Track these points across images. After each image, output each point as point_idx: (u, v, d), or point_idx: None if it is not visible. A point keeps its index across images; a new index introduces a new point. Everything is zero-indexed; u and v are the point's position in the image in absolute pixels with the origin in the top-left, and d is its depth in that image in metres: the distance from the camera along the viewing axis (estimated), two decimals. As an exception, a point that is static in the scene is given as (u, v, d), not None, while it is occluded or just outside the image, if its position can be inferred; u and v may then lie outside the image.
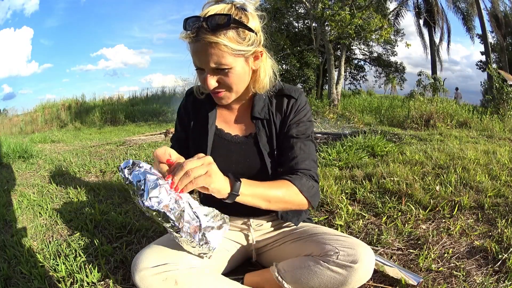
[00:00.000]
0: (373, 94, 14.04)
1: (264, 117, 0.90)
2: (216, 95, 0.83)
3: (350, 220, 1.45)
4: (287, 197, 0.80)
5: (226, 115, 0.95)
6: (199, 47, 0.74)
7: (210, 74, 0.77)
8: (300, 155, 0.86)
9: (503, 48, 11.99)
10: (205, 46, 0.73)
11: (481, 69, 13.73)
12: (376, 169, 2.07)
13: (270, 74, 0.87)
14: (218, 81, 0.79)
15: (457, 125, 4.96)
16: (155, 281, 0.74)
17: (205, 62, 0.75)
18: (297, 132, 0.88)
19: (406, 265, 1.11)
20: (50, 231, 1.48)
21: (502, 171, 1.99)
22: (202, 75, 0.79)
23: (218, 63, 0.75)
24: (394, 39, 12.86)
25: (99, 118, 9.30)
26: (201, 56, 0.75)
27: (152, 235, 1.39)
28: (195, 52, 0.76)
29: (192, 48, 0.77)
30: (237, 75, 0.78)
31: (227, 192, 0.70)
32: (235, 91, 0.82)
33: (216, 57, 0.74)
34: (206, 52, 0.74)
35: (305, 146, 0.88)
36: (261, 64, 0.84)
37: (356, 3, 8.37)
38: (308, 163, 0.86)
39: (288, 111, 0.90)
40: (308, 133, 0.90)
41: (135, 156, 3.02)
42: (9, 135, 7.05)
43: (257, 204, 0.76)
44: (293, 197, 0.80)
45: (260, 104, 0.90)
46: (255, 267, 1.02)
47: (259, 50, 0.81)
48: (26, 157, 3.30)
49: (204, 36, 0.72)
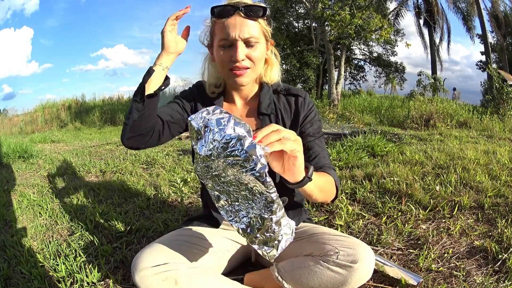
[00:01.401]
0: (373, 94, 14.01)
1: (271, 113, 0.92)
2: (239, 72, 0.84)
3: (350, 220, 1.45)
4: (329, 187, 0.82)
5: (231, 111, 0.95)
6: (235, 19, 0.81)
7: (242, 45, 0.82)
8: (321, 153, 0.90)
9: (503, 48, 11.99)
10: (242, 19, 0.81)
11: (481, 69, 13.73)
12: (376, 169, 2.07)
13: (279, 66, 0.95)
14: (246, 56, 0.83)
15: (457, 125, 4.96)
16: (155, 281, 0.74)
17: (240, 32, 0.81)
18: (313, 131, 0.93)
19: (406, 265, 1.11)
20: (50, 231, 1.48)
21: (502, 171, 1.99)
22: (228, 52, 0.83)
23: (251, 34, 0.82)
24: (394, 39, 12.85)
25: (99, 118, 9.30)
26: (236, 27, 0.81)
27: (152, 235, 1.39)
28: (230, 24, 0.81)
29: (224, 22, 0.81)
30: (261, 52, 0.86)
31: (302, 175, 0.66)
32: (256, 69, 0.87)
33: (251, 28, 0.82)
34: (242, 23, 0.81)
35: (321, 143, 0.93)
36: (271, 56, 0.92)
37: (356, 3, 8.36)
38: (327, 157, 0.91)
39: (298, 110, 0.93)
40: (320, 130, 0.95)
41: (135, 156, 3.02)
42: (9, 135, 7.06)
43: (312, 193, 0.73)
44: (331, 188, 0.83)
45: (266, 100, 0.93)
46: (255, 267, 1.02)
47: (271, 40, 0.91)
48: (26, 157, 3.30)
49: (242, 12, 0.81)
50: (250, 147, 0.54)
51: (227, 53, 0.83)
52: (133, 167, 2.64)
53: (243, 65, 0.83)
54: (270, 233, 0.61)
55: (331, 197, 0.83)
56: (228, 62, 0.83)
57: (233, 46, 0.82)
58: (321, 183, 0.76)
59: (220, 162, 0.58)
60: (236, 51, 0.81)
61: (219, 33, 0.83)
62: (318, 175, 0.76)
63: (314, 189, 0.72)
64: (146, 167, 2.66)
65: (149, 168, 2.61)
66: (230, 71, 0.84)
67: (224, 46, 0.83)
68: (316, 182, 0.72)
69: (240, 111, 0.95)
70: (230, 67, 0.84)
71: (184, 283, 0.76)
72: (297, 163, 0.63)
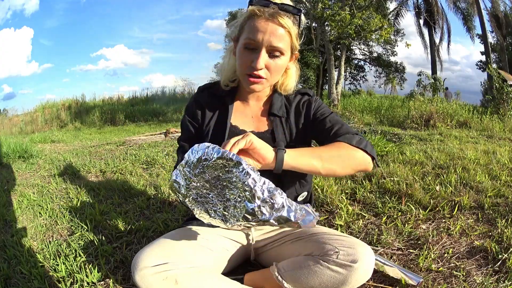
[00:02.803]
0: (373, 94, 14.02)
1: (282, 115, 0.93)
2: (254, 79, 0.84)
3: (350, 220, 1.45)
4: (342, 151, 0.79)
5: (242, 111, 0.96)
6: (269, 24, 0.79)
7: (264, 54, 0.81)
8: (335, 126, 0.89)
9: (503, 48, 11.99)
10: (276, 24, 0.79)
11: (481, 69, 13.75)
12: (376, 169, 2.07)
13: (296, 78, 0.95)
14: (265, 65, 0.83)
15: (457, 125, 4.95)
16: (155, 280, 0.74)
17: (268, 40, 0.80)
18: (322, 113, 0.93)
19: (406, 265, 1.11)
20: (50, 231, 1.48)
21: (502, 171, 1.99)
22: (250, 55, 0.82)
23: (278, 44, 0.80)
24: (394, 39, 12.87)
25: (99, 118, 9.31)
26: (266, 31, 0.79)
27: (152, 235, 1.39)
28: (262, 26, 0.79)
29: (258, 22, 0.80)
30: (281, 66, 0.85)
31: (272, 154, 0.71)
32: (271, 81, 0.87)
33: (280, 38, 0.80)
34: (274, 30, 0.79)
35: (333, 118, 0.92)
36: (292, 67, 0.93)
37: (356, 3, 8.36)
38: (345, 128, 0.88)
39: (306, 106, 0.95)
40: (330, 110, 0.95)
41: (135, 156, 3.02)
42: (9, 135, 7.05)
43: (311, 163, 0.75)
44: (347, 150, 0.80)
45: (278, 102, 0.94)
46: (255, 267, 1.02)
47: (297, 53, 0.90)
48: (26, 157, 3.30)
49: (279, 17, 0.79)
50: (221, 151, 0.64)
51: (249, 55, 0.82)
52: (133, 167, 2.64)
53: (259, 74, 0.83)
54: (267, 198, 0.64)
55: (355, 161, 0.80)
56: (248, 65, 0.83)
57: (256, 51, 0.81)
58: (314, 151, 0.77)
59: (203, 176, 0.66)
60: (257, 58, 0.81)
61: (247, 31, 0.82)
62: (308, 148, 0.78)
63: (306, 160, 0.75)
64: (146, 167, 2.66)
65: (149, 168, 2.61)
66: (246, 75, 0.84)
67: (248, 47, 0.82)
68: (303, 152, 0.75)
69: (252, 111, 0.96)
70: (248, 72, 0.84)
71: (184, 283, 0.76)
72: (257, 147, 0.69)
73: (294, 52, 0.87)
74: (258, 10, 0.80)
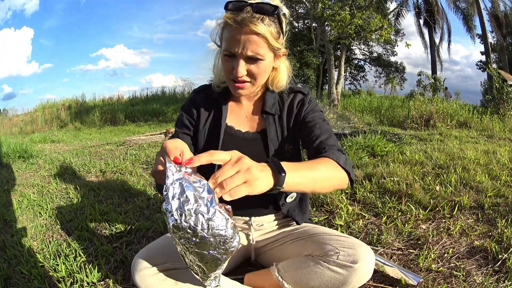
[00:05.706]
0: (373, 94, 14.02)
1: (275, 113, 0.92)
2: (238, 84, 0.83)
3: (350, 220, 1.45)
4: (329, 172, 0.73)
5: (236, 112, 0.96)
6: (241, 33, 0.76)
7: (242, 62, 0.80)
8: (323, 134, 0.87)
9: (503, 48, 11.99)
10: (248, 33, 0.76)
11: (481, 69, 13.74)
12: (376, 169, 2.07)
13: (289, 74, 0.92)
14: (247, 70, 0.81)
15: (457, 125, 4.96)
16: (155, 280, 0.74)
17: (243, 48, 0.77)
18: (313, 117, 0.91)
19: (406, 265, 1.11)
20: (50, 231, 1.48)
21: (502, 171, 1.99)
22: (230, 63, 0.81)
23: (255, 52, 0.78)
24: (394, 39, 12.86)
25: (99, 118, 9.30)
26: (240, 42, 0.77)
27: (152, 235, 1.39)
28: (234, 37, 0.77)
29: (231, 32, 0.77)
30: (264, 68, 0.83)
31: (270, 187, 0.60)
32: (257, 83, 0.85)
33: (256, 46, 0.77)
34: (247, 39, 0.76)
35: (323, 127, 0.89)
36: (281, 64, 0.89)
37: (356, 3, 8.37)
38: (332, 140, 0.86)
39: (299, 105, 0.93)
40: (323, 117, 0.92)
41: (135, 156, 3.02)
42: (9, 135, 7.05)
43: (303, 189, 0.71)
44: (335, 171, 0.75)
45: (271, 100, 0.93)
46: (255, 267, 1.02)
47: (284, 50, 0.86)
48: (26, 157, 3.30)
49: (251, 24, 0.74)
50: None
51: (230, 63, 0.82)
52: (133, 167, 2.64)
53: (242, 79, 0.82)
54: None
55: (337, 181, 0.76)
56: (229, 72, 0.82)
57: (236, 58, 0.80)
58: (311, 175, 0.69)
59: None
60: (236, 67, 0.80)
61: (224, 43, 0.81)
62: (306, 168, 0.69)
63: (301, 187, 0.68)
64: (146, 167, 2.66)
65: (149, 168, 2.61)
66: (231, 80, 0.84)
67: (228, 55, 0.82)
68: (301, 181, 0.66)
69: (245, 110, 0.96)
70: (231, 78, 0.83)
71: (184, 283, 0.76)
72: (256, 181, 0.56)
73: (277, 52, 0.84)
74: (229, 18, 0.77)
